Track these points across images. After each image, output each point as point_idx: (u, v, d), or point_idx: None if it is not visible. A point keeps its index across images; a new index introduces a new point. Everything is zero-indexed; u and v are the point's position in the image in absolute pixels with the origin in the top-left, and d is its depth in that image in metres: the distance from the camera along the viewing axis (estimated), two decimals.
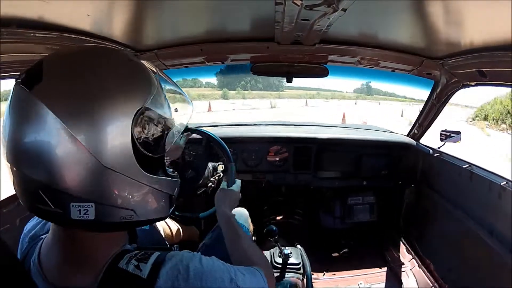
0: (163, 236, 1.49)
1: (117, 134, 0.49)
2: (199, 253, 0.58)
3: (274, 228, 1.50)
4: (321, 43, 1.47)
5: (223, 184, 1.12)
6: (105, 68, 0.52)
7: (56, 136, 0.46)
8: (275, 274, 1.48)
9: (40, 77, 0.48)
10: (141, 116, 0.51)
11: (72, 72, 0.50)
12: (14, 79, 0.51)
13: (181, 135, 1.22)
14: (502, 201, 1.40)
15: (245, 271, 0.61)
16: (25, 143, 0.47)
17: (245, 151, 2.12)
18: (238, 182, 1.13)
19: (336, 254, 2.19)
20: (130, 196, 0.52)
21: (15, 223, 1.11)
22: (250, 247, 0.83)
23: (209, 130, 1.35)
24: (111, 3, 0.97)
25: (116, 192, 0.50)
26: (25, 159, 0.48)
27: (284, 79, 1.79)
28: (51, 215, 0.50)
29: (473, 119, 13.97)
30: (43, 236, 0.60)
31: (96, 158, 0.47)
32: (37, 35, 0.93)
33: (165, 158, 0.61)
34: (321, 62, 1.68)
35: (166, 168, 0.61)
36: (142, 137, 0.52)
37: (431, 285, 1.80)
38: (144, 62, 0.59)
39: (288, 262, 1.52)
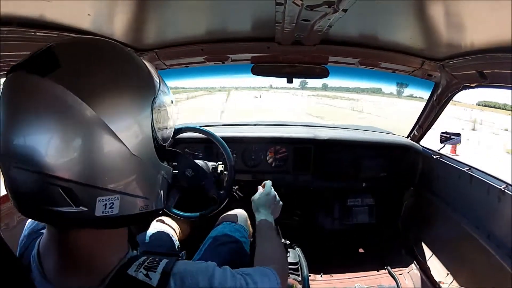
0: (170, 236, 1.49)
1: (141, 121, 0.50)
2: (214, 265, 0.58)
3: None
4: (322, 43, 1.47)
5: (256, 195, 1.19)
6: (122, 58, 0.53)
7: (88, 126, 0.45)
8: None
9: (57, 62, 0.46)
10: (156, 103, 0.53)
11: (92, 60, 0.49)
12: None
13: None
14: (502, 204, 1.39)
15: (258, 278, 0.61)
16: (45, 137, 0.43)
17: (245, 151, 2.11)
18: (268, 187, 1.21)
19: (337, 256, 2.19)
20: (149, 185, 0.53)
21: (13, 220, 1.11)
22: (275, 252, 0.90)
23: (209, 129, 1.36)
24: (112, 3, 0.98)
25: (139, 181, 0.51)
26: (43, 155, 0.43)
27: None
28: (68, 217, 0.46)
29: None
30: (42, 231, 0.59)
31: (125, 145, 0.47)
32: (37, 34, 0.93)
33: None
34: (321, 62, 1.68)
35: None
36: (156, 124, 0.53)
37: None
38: None
39: None
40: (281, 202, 1.21)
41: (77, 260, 0.51)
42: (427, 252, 1.92)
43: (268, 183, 1.23)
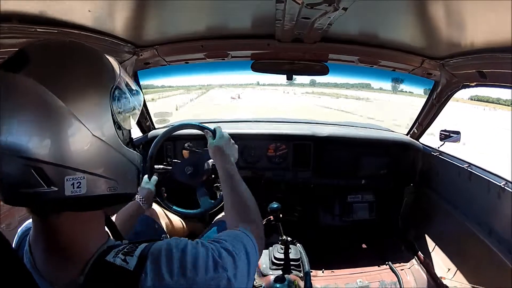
0: (166, 232, 1.50)
1: (102, 106, 0.54)
2: (186, 240, 0.59)
3: (276, 205, 1.49)
4: (322, 41, 1.47)
5: (210, 141, 1.15)
6: (86, 54, 0.58)
7: (56, 113, 0.49)
8: (279, 272, 1.49)
9: (27, 60, 0.51)
10: (115, 92, 0.57)
11: (58, 56, 0.54)
12: None
13: (152, 179, 1.37)
14: (501, 201, 1.41)
15: (230, 244, 0.62)
16: (19, 123, 0.48)
17: (245, 148, 2.12)
18: (219, 132, 1.16)
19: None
20: (113, 166, 0.56)
21: (15, 220, 1.12)
22: (245, 203, 0.87)
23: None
24: None
25: (103, 162, 0.54)
26: (18, 139, 0.47)
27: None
28: (42, 198, 0.49)
29: None
30: None
31: (87, 128, 0.51)
32: (38, 30, 0.93)
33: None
34: (321, 60, 1.68)
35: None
36: (116, 111, 0.56)
37: (430, 284, 1.81)
38: None
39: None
40: (236, 145, 1.16)
41: (58, 248, 0.53)
42: (428, 247, 1.94)
43: (217, 127, 1.17)
